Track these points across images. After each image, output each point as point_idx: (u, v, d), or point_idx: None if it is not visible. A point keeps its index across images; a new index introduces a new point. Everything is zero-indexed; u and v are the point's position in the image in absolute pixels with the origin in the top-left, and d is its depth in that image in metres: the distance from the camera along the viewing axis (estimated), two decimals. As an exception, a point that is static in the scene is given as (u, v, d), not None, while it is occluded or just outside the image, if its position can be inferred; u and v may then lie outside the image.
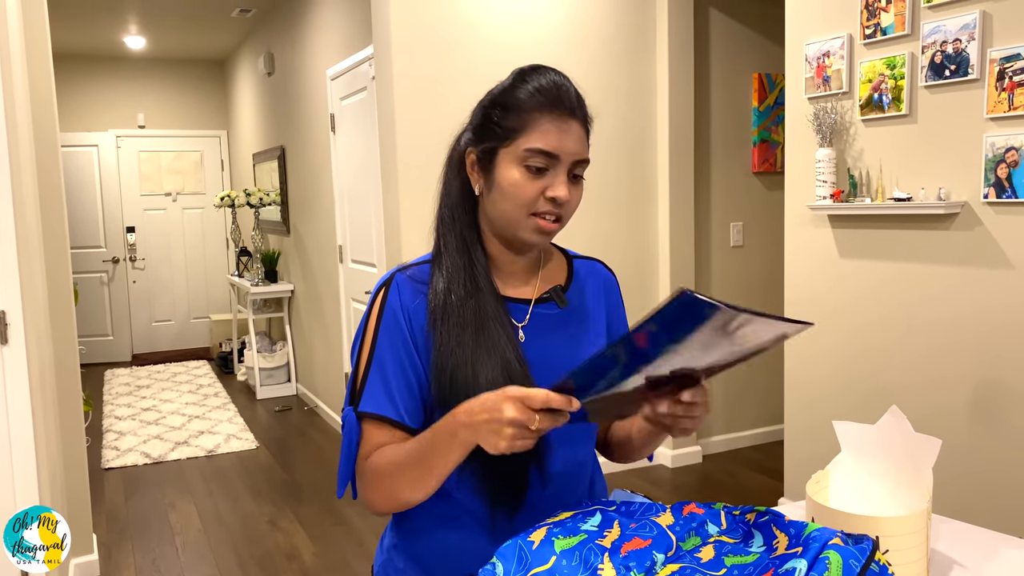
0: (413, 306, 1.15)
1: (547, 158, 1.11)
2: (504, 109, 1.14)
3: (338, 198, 4.93)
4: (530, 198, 1.11)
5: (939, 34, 2.62)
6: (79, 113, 7.63)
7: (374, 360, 1.14)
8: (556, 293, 1.23)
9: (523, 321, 1.19)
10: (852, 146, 2.97)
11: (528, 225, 1.13)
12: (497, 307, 1.15)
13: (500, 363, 1.10)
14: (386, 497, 1.11)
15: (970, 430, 2.63)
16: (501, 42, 3.72)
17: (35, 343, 2.17)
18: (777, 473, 3.93)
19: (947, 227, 2.66)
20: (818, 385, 3.19)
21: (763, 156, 4.39)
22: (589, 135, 1.17)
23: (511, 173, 1.12)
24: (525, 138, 1.11)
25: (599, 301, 1.29)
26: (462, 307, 1.13)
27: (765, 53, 4.36)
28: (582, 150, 1.14)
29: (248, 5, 5.97)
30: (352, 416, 1.13)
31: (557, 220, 1.14)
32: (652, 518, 0.93)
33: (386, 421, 1.12)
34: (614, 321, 1.32)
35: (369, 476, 1.12)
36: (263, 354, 6.23)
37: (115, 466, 4.59)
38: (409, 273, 1.18)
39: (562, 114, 1.12)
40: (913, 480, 1.16)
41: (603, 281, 1.32)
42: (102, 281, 7.76)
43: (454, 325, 1.12)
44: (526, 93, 1.13)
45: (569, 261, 1.31)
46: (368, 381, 1.14)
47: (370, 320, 1.16)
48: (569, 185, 1.13)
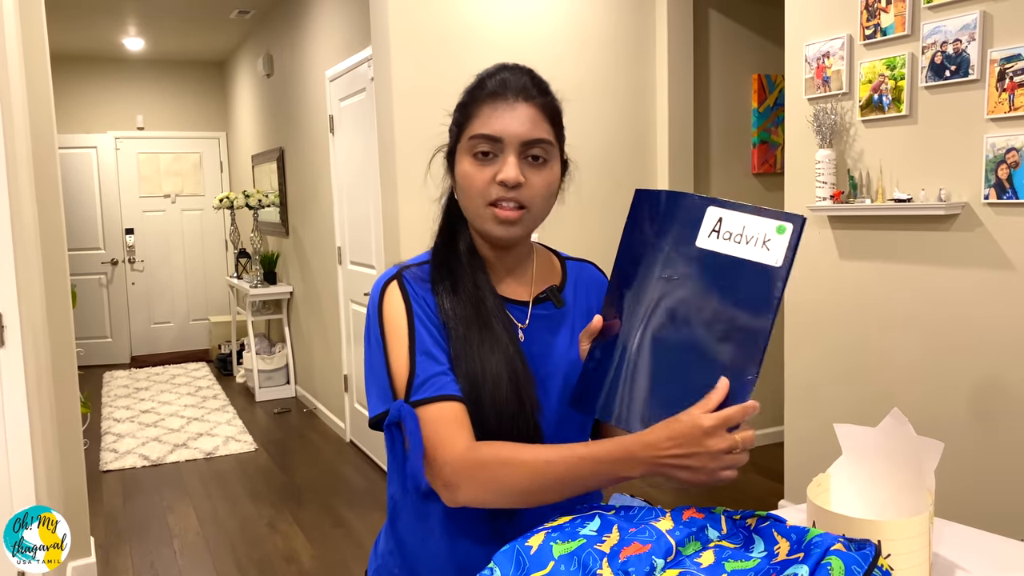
0: (429, 299, 1.15)
1: (491, 142, 1.10)
2: (459, 109, 1.17)
3: (337, 199, 4.92)
4: (481, 186, 1.10)
5: (939, 34, 2.61)
6: (78, 115, 7.63)
7: (417, 346, 1.09)
8: (552, 293, 1.22)
9: (524, 322, 1.19)
10: (852, 147, 2.96)
11: (487, 216, 1.12)
12: (498, 307, 1.15)
13: (504, 359, 1.10)
14: (487, 491, 1.02)
15: (971, 432, 2.62)
16: (500, 43, 3.71)
17: (32, 345, 2.16)
18: (777, 474, 3.91)
19: (948, 228, 2.65)
20: (818, 386, 3.18)
21: (763, 157, 4.38)
22: (553, 118, 1.16)
23: (463, 165, 1.13)
24: (470, 128, 1.12)
25: (592, 302, 1.29)
26: (466, 308, 1.13)
27: (764, 54, 4.35)
28: (531, 130, 1.11)
29: (247, 6, 5.96)
30: (407, 408, 1.06)
31: (519, 207, 1.11)
32: (651, 522, 0.92)
33: (454, 399, 1.06)
34: None
35: (475, 464, 1.02)
36: (262, 356, 6.22)
37: (113, 468, 4.57)
38: (413, 272, 1.18)
39: (505, 98, 1.11)
40: (915, 483, 1.15)
41: (596, 282, 1.32)
42: (101, 283, 7.75)
43: (459, 322, 1.12)
44: (477, 89, 1.15)
45: (562, 263, 1.31)
46: (418, 367, 1.08)
47: (390, 314, 1.12)
48: (527, 168, 1.11)
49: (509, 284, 1.22)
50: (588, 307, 1.28)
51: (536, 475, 1.00)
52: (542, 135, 1.13)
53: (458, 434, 1.04)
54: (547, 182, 1.14)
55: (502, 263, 1.21)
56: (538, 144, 1.12)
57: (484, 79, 1.16)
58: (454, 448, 1.03)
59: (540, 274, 1.26)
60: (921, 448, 1.15)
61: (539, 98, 1.14)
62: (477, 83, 1.16)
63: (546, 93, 1.17)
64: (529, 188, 1.11)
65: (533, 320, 1.20)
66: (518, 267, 1.23)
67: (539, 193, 1.13)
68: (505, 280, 1.21)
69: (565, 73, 3.88)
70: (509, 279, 1.22)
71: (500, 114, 1.11)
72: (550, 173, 1.15)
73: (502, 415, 1.07)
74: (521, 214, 1.12)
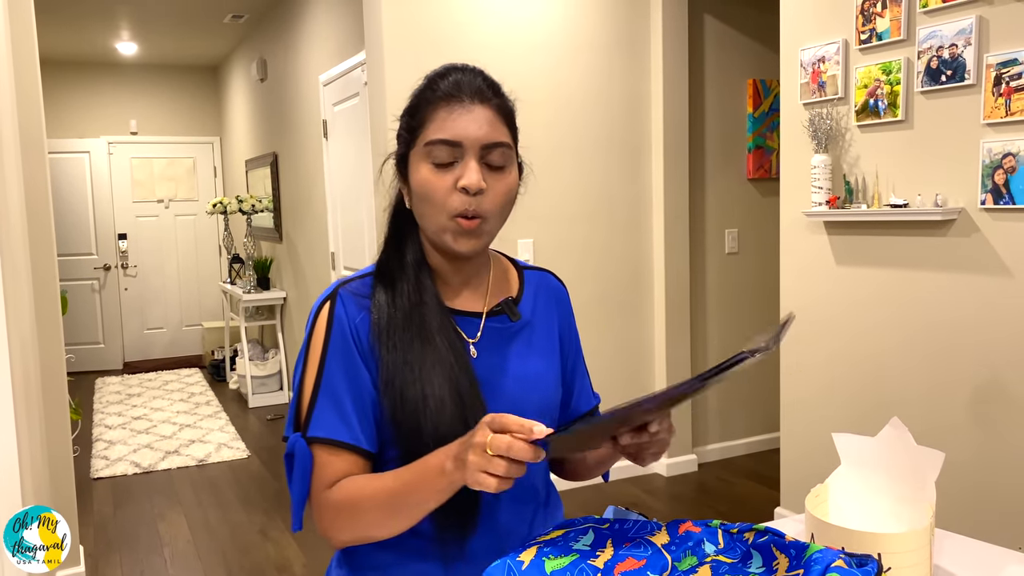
0: (358, 320, 1.09)
1: (449, 147, 1.05)
2: (409, 113, 1.11)
3: (330, 204, 4.89)
4: (442, 193, 1.05)
5: (935, 39, 2.60)
6: (71, 120, 7.59)
7: (323, 380, 1.06)
8: (508, 306, 1.17)
9: (475, 336, 1.14)
10: (848, 152, 2.94)
11: (449, 228, 1.07)
12: (443, 321, 1.10)
13: (447, 379, 1.05)
14: (351, 532, 1.04)
15: (970, 439, 2.61)
16: (495, 49, 3.69)
17: (19, 351, 2.13)
18: (773, 482, 3.89)
19: (944, 233, 2.64)
20: (814, 393, 3.16)
21: (758, 162, 4.37)
22: (509, 120, 1.11)
23: (420, 172, 1.07)
24: (425, 133, 1.07)
25: (551, 314, 1.24)
26: (406, 321, 1.08)
27: (760, 59, 4.34)
28: (490, 133, 1.06)
29: (241, 11, 5.94)
30: (302, 443, 1.05)
31: (476, 217, 1.06)
32: (647, 537, 0.90)
33: (341, 446, 1.05)
34: (566, 334, 1.27)
35: (331, 509, 1.04)
36: (255, 362, 6.18)
37: (104, 476, 4.53)
38: (352, 287, 1.12)
39: (461, 101, 1.06)
40: (915, 495, 1.13)
41: (554, 293, 1.27)
42: (93, 288, 7.70)
43: (399, 340, 1.07)
44: (428, 92, 1.10)
45: (519, 272, 1.26)
46: (317, 404, 1.06)
47: (314, 338, 1.09)
48: (487, 174, 1.07)
49: (463, 295, 1.17)
50: (548, 318, 1.23)
51: (366, 499, 1.02)
52: (501, 138, 1.08)
53: (327, 482, 1.05)
54: (507, 187, 1.09)
55: (458, 274, 1.16)
56: (498, 147, 1.07)
57: (434, 80, 1.10)
58: (317, 494, 1.05)
59: (496, 284, 1.20)
60: (921, 458, 1.13)
61: (494, 99, 1.09)
62: (427, 85, 1.11)
63: (500, 94, 1.12)
64: (490, 194, 1.07)
65: (486, 333, 1.15)
66: (474, 277, 1.18)
67: (499, 200, 1.08)
68: (459, 291, 1.16)
69: (560, 78, 3.86)
70: (463, 290, 1.17)
71: (456, 117, 1.06)
72: (510, 178, 1.10)
73: (445, 440, 0.98)
74: (479, 223, 1.07)
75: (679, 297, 4.14)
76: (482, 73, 1.12)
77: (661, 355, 4.14)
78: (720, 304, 4.36)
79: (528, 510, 1.17)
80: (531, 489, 1.18)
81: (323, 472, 1.05)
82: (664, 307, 4.11)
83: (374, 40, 3.61)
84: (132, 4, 5.69)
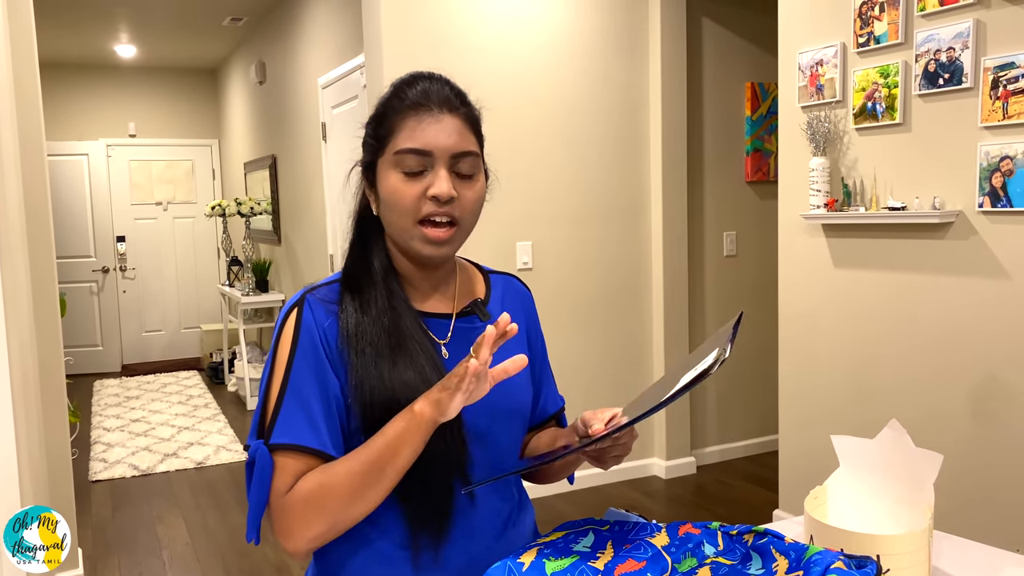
0: (327, 325, 1.09)
1: (419, 156, 1.06)
2: (376, 121, 1.12)
3: (329, 207, 4.90)
4: (411, 202, 1.06)
5: (933, 43, 2.61)
6: (70, 122, 7.59)
7: (289, 386, 1.05)
8: (477, 307, 1.19)
9: (445, 337, 1.15)
10: (846, 155, 2.95)
11: (416, 235, 1.08)
12: (414, 324, 1.11)
13: (420, 381, 1.05)
14: (319, 523, 1.01)
15: (968, 442, 2.61)
16: (494, 51, 3.70)
17: (18, 353, 2.13)
18: (771, 484, 3.89)
19: (942, 236, 2.65)
20: (812, 395, 3.16)
21: (756, 165, 4.38)
22: (476, 129, 1.13)
23: (389, 181, 1.08)
24: (394, 141, 1.08)
25: (518, 315, 1.26)
26: (375, 326, 1.08)
27: (758, 62, 4.35)
28: (459, 143, 1.08)
29: (240, 13, 5.94)
30: (263, 449, 1.03)
31: (450, 223, 1.08)
32: (647, 538, 0.90)
33: (306, 451, 1.03)
34: (533, 337, 1.30)
35: (296, 506, 1.02)
36: (254, 364, 6.18)
37: (103, 478, 4.53)
38: (320, 294, 1.12)
39: (429, 110, 1.07)
40: (914, 496, 1.13)
41: (519, 295, 1.30)
42: (91, 291, 7.70)
43: (368, 345, 1.07)
44: (395, 100, 1.11)
45: (486, 276, 1.28)
46: (283, 409, 1.04)
47: (281, 344, 1.08)
48: (457, 181, 1.08)
49: (431, 299, 1.18)
50: (515, 319, 1.24)
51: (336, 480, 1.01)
52: (470, 147, 1.09)
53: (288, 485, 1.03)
54: (477, 196, 1.11)
55: (426, 279, 1.17)
56: (467, 156, 1.09)
57: (401, 88, 1.11)
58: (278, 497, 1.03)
59: (463, 288, 1.22)
60: (920, 460, 1.13)
61: (462, 108, 1.11)
62: (394, 93, 1.12)
63: (467, 103, 1.13)
64: (460, 202, 1.08)
65: (456, 334, 1.16)
66: (442, 282, 1.19)
67: (469, 207, 1.10)
68: (428, 295, 1.17)
69: (558, 80, 3.87)
70: (432, 293, 1.18)
71: (426, 127, 1.07)
72: (479, 185, 1.12)
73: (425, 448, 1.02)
74: (452, 232, 1.08)
75: (678, 300, 4.15)
76: (449, 82, 1.13)
77: (660, 358, 4.14)
78: (718, 307, 4.37)
79: (502, 512, 1.17)
80: (505, 492, 1.18)
81: (284, 478, 1.03)
82: (663, 310, 4.11)
83: (373, 43, 3.61)
84: (131, 7, 5.69)
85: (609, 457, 1.04)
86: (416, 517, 1.05)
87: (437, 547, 1.07)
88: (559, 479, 1.26)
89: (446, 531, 1.07)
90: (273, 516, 1.04)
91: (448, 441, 1.05)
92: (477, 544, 1.11)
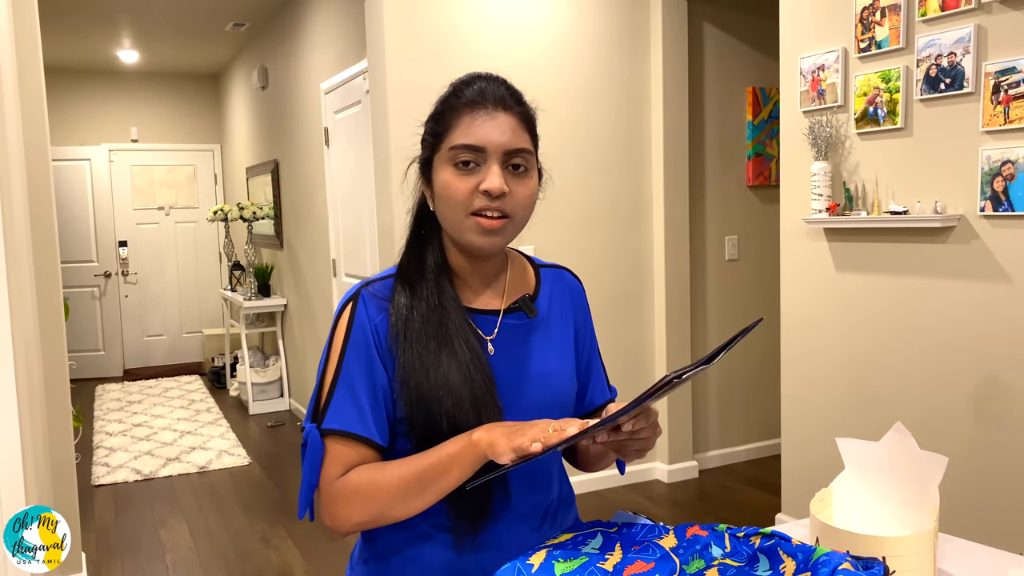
0: (378, 321, 1.14)
1: (473, 152, 1.10)
2: (434, 119, 1.16)
3: (332, 212, 4.91)
4: (463, 196, 1.10)
5: (934, 47, 2.62)
6: (72, 127, 7.61)
7: (341, 375, 1.12)
8: (525, 303, 1.21)
9: (492, 334, 1.18)
10: (847, 159, 2.96)
11: (469, 226, 1.11)
12: (461, 322, 1.14)
13: (463, 377, 1.09)
14: (365, 512, 1.08)
15: (972, 445, 2.62)
16: (496, 56, 3.71)
17: (23, 357, 2.13)
18: (774, 488, 3.90)
19: (944, 240, 2.65)
20: (814, 399, 3.17)
21: (758, 170, 4.39)
22: (531, 128, 1.16)
23: (443, 175, 1.12)
24: (449, 138, 1.12)
25: (567, 310, 1.28)
26: (424, 322, 1.12)
27: (759, 67, 4.36)
28: (513, 140, 1.11)
29: (242, 19, 5.96)
30: (316, 434, 1.11)
31: (502, 216, 1.11)
32: (655, 540, 0.91)
33: (354, 438, 1.10)
34: (582, 330, 1.31)
35: (346, 492, 1.09)
36: (256, 369, 6.19)
37: (105, 483, 4.53)
38: (373, 289, 1.17)
39: (485, 108, 1.11)
40: (919, 499, 1.14)
41: (570, 289, 1.31)
42: (94, 295, 7.71)
43: (415, 341, 1.11)
44: (453, 98, 1.15)
45: (536, 270, 1.30)
46: (335, 397, 1.11)
47: (336, 336, 1.14)
48: (510, 178, 1.11)
49: (483, 295, 1.21)
50: (563, 314, 1.27)
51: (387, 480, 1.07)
52: (523, 144, 1.13)
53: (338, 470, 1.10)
54: (529, 191, 1.14)
55: (478, 273, 1.20)
56: (520, 153, 1.12)
57: (459, 88, 1.15)
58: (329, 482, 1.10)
59: (514, 283, 1.25)
60: (925, 463, 1.14)
61: (517, 107, 1.14)
62: (452, 92, 1.16)
63: (522, 102, 1.16)
64: (512, 198, 1.11)
65: (503, 330, 1.19)
66: (493, 277, 1.22)
67: (521, 203, 1.13)
68: (479, 291, 1.21)
69: (560, 85, 3.88)
70: (483, 289, 1.21)
71: (480, 124, 1.10)
72: (531, 182, 1.15)
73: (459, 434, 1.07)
74: (504, 223, 1.11)
75: (679, 304, 4.16)
76: (505, 82, 1.17)
77: (661, 362, 4.15)
78: (720, 311, 4.37)
79: (541, 502, 1.20)
80: (545, 480, 1.21)
81: (334, 462, 1.10)
82: (664, 314, 4.12)
83: (376, 48, 3.63)
84: (134, 12, 5.71)
85: (629, 451, 1.06)
86: (455, 502, 1.10)
87: (475, 532, 1.12)
88: (601, 467, 1.29)
89: (483, 518, 1.12)
90: (322, 498, 1.11)
91: None
92: (517, 531, 1.15)
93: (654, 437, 1.04)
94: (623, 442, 1.02)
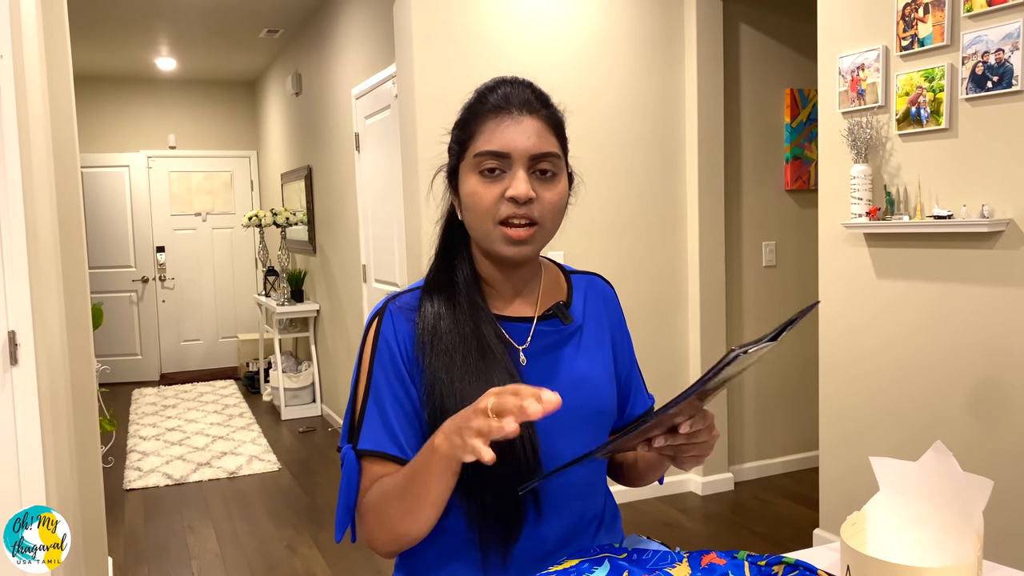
0: (406, 334, 1.11)
1: (497, 158, 1.06)
2: (460, 127, 1.13)
3: (362, 217, 4.89)
4: (489, 203, 1.06)
5: (980, 44, 2.50)
6: (111, 134, 7.72)
7: (371, 394, 1.09)
8: (559, 309, 1.17)
9: (524, 342, 1.14)
10: (888, 162, 2.85)
11: (497, 236, 1.08)
12: (491, 333, 1.10)
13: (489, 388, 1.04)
14: (382, 532, 1.04)
15: (1019, 463, 2.49)
16: (526, 60, 3.65)
17: (46, 364, 2.12)
18: (812, 501, 3.77)
19: (991, 246, 2.53)
20: (854, 410, 3.05)
21: (796, 173, 4.27)
22: (559, 131, 1.12)
23: (469, 183, 1.09)
24: (474, 145, 1.08)
25: (601, 316, 1.24)
26: (451, 334, 1.08)
27: (797, 68, 4.25)
28: (538, 144, 1.07)
29: (276, 25, 5.99)
30: (352, 455, 1.08)
31: (530, 224, 1.07)
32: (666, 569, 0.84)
33: (387, 457, 1.07)
34: (618, 337, 1.27)
35: (367, 515, 1.07)
36: (288, 374, 6.20)
37: (136, 487, 4.55)
38: (400, 302, 1.14)
39: (509, 113, 1.07)
40: (961, 525, 1.05)
41: (603, 295, 1.27)
42: (131, 300, 7.81)
43: (442, 352, 1.07)
44: (477, 105, 1.11)
45: (567, 276, 1.26)
46: (366, 417, 1.09)
47: (364, 353, 1.12)
48: (537, 183, 1.07)
49: (515, 304, 1.17)
50: (598, 320, 1.23)
51: (386, 494, 1.03)
52: (550, 148, 1.08)
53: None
54: (558, 196, 1.10)
55: (509, 282, 1.16)
56: (547, 158, 1.08)
57: (484, 94, 1.12)
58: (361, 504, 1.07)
59: (547, 290, 1.21)
60: (967, 485, 1.05)
61: (543, 111, 1.10)
62: (477, 98, 1.13)
63: (549, 105, 1.12)
64: (540, 203, 1.07)
65: (537, 338, 1.15)
66: (525, 285, 1.18)
67: (550, 208, 1.09)
68: (510, 300, 1.17)
69: (593, 90, 3.81)
70: (515, 298, 1.17)
71: (505, 129, 1.06)
72: (560, 187, 1.10)
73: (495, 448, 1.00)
74: (533, 232, 1.07)
75: (714, 311, 4.05)
76: (531, 85, 1.13)
77: (695, 371, 4.05)
78: (757, 319, 4.26)
79: (576, 522, 1.15)
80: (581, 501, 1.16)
81: (369, 483, 1.08)
82: (699, 321, 4.02)
83: (404, 52, 3.59)
84: (170, 20, 5.77)
85: (686, 457, 1.00)
86: (481, 518, 1.05)
87: (505, 550, 1.07)
88: (649, 482, 1.24)
89: (513, 536, 1.07)
90: (358, 519, 1.09)
91: (517, 447, 1.04)
92: (548, 551, 1.11)
93: (712, 441, 0.99)
94: (680, 446, 0.97)
